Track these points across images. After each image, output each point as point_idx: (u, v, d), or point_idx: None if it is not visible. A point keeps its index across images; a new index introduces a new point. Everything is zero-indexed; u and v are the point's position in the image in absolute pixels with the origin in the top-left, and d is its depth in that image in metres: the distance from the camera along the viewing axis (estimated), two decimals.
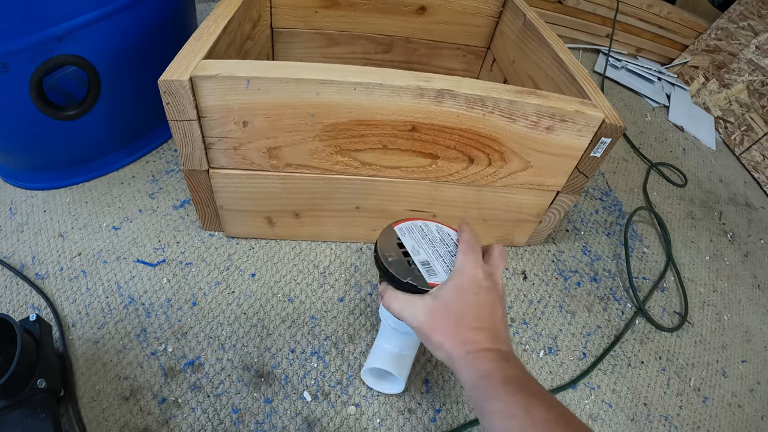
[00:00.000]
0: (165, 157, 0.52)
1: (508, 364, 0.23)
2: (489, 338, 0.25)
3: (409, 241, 0.29)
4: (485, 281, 0.27)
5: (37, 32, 0.35)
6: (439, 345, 0.25)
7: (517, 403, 0.21)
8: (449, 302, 0.26)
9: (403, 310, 0.27)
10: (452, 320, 0.25)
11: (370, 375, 0.35)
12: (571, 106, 0.35)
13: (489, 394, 0.22)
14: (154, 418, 0.32)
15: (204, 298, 0.39)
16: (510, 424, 0.20)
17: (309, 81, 0.31)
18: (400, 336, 0.32)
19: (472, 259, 0.27)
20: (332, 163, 0.37)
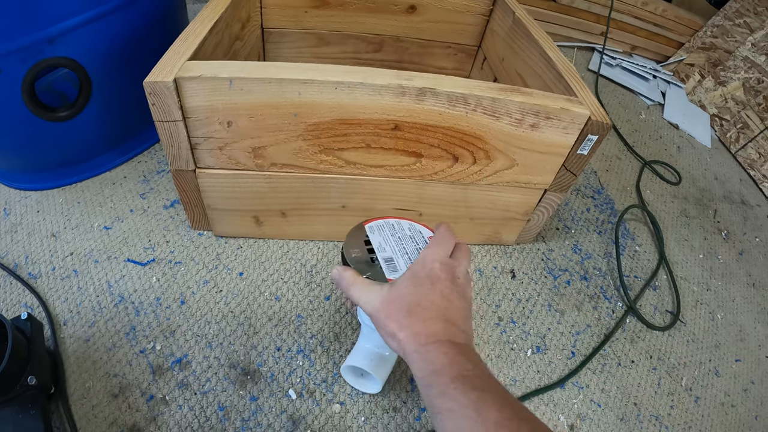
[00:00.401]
0: (156, 157, 0.52)
1: (461, 358, 0.22)
2: (442, 330, 0.24)
3: (376, 238, 0.29)
4: (443, 273, 0.26)
5: (29, 35, 0.36)
6: (392, 334, 0.24)
7: (468, 403, 0.19)
8: (404, 292, 0.25)
9: (360, 295, 0.26)
10: (405, 309, 0.24)
11: (349, 373, 0.35)
12: (556, 103, 0.35)
13: (440, 391, 0.21)
14: (142, 415, 0.32)
15: (192, 297, 0.40)
16: (461, 425, 0.19)
17: (291, 81, 0.31)
18: (378, 336, 0.32)
19: (434, 252, 0.27)
20: (316, 162, 0.37)
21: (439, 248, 0.27)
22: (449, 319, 0.24)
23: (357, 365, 0.32)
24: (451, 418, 0.19)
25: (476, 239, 0.48)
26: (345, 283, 0.27)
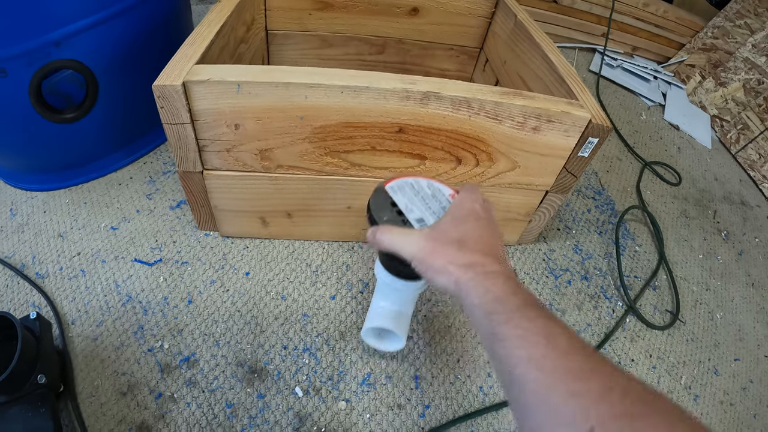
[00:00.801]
0: (162, 158, 0.53)
1: (520, 289, 0.21)
2: (496, 263, 0.23)
3: (401, 199, 0.28)
4: (483, 213, 0.26)
5: (36, 37, 0.36)
6: (441, 269, 0.23)
7: (537, 329, 0.18)
8: (448, 229, 0.25)
9: (396, 241, 0.25)
10: (454, 244, 0.23)
11: (371, 335, 0.34)
12: (558, 106, 0.36)
13: (505, 317, 0.19)
14: (151, 413, 0.33)
15: (199, 296, 0.40)
16: (531, 352, 0.18)
17: (297, 85, 0.32)
18: (396, 292, 0.31)
19: (470, 195, 0.27)
20: (322, 164, 0.38)
21: (473, 193, 0.27)
22: (498, 256, 0.24)
23: (379, 326, 0.31)
24: (519, 344, 0.18)
25: None
26: (380, 234, 0.26)
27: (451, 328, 0.42)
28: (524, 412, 0.17)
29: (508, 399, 0.19)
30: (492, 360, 0.20)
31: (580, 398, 0.16)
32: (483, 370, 0.39)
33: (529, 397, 0.17)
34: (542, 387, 0.17)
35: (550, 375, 0.17)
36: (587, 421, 0.15)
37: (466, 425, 0.36)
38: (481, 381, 0.39)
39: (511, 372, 0.18)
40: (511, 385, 0.18)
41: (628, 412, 0.15)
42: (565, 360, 0.17)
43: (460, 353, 0.40)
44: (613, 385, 0.16)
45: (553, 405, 0.16)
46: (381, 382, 0.37)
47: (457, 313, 0.43)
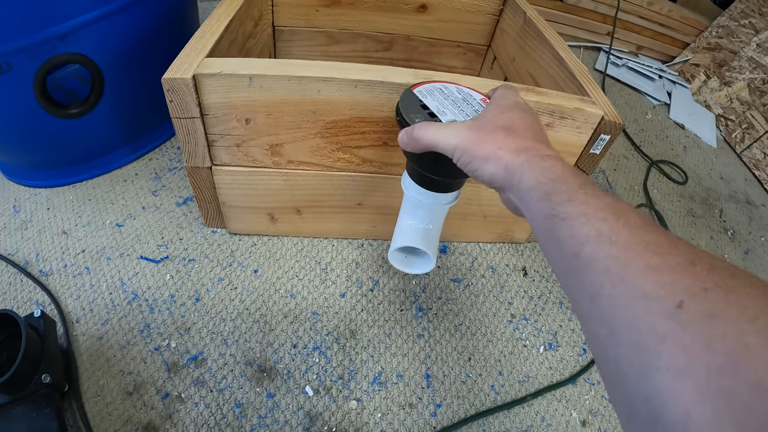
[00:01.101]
0: (168, 154, 0.52)
1: (580, 171, 0.20)
2: (549, 148, 0.21)
3: (432, 102, 0.27)
4: (526, 105, 0.24)
5: (40, 31, 0.35)
6: (489, 155, 0.21)
7: (605, 206, 0.17)
8: (494, 118, 0.23)
9: (438, 134, 0.23)
10: (501, 131, 0.22)
11: (398, 257, 0.32)
12: (570, 103, 0.35)
13: (567, 197, 0.18)
14: (158, 413, 0.32)
15: (207, 294, 0.40)
16: (600, 228, 0.16)
17: (310, 78, 0.31)
18: (424, 209, 0.30)
19: (511, 91, 0.25)
20: (333, 160, 0.37)
21: (513, 89, 0.26)
22: (550, 144, 0.22)
23: (410, 245, 0.30)
24: (585, 222, 0.16)
25: (488, 237, 0.48)
26: (418, 130, 0.24)
27: (462, 326, 0.41)
28: (595, 296, 0.15)
29: (570, 290, 0.17)
30: (549, 248, 0.18)
31: (663, 272, 0.14)
32: (494, 369, 0.39)
33: (600, 277, 0.15)
34: (616, 263, 0.15)
35: (624, 250, 0.15)
36: (674, 294, 0.13)
37: (477, 424, 0.35)
38: (492, 380, 0.38)
39: (576, 254, 0.16)
40: (576, 271, 0.16)
41: (719, 284, 0.13)
42: (640, 234, 0.15)
43: (471, 351, 0.40)
44: (697, 261, 0.14)
45: (632, 281, 0.14)
46: (392, 381, 0.36)
47: (467, 310, 0.43)
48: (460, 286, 0.45)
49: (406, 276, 0.44)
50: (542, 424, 0.36)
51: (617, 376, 0.14)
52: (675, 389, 0.12)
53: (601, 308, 0.15)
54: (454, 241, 0.48)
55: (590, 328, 0.15)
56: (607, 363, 0.14)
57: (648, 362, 0.12)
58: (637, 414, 0.13)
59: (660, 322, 0.13)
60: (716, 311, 0.12)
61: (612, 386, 0.14)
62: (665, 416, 0.12)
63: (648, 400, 0.12)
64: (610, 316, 0.14)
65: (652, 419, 0.12)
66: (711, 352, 0.11)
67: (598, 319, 0.15)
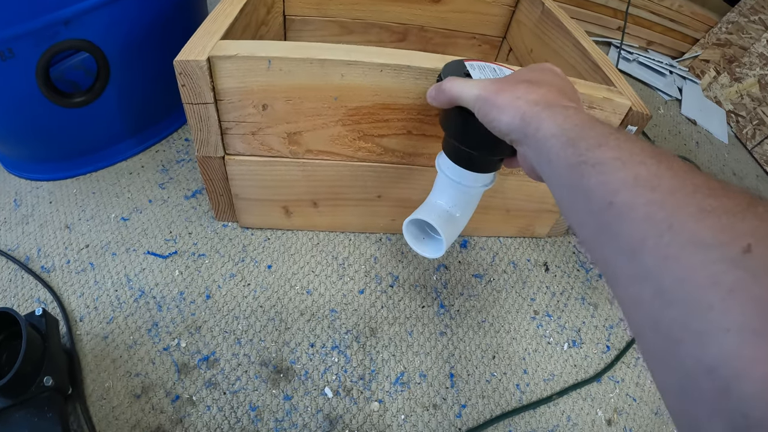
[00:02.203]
0: (175, 146, 0.50)
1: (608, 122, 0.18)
2: (573, 102, 0.20)
3: (478, 74, 0.26)
4: (561, 73, 0.23)
5: (44, 16, 0.34)
6: (507, 104, 0.20)
7: (642, 149, 0.14)
8: (521, 74, 0.22)
9: (463, 86, 0.23)
10: (524, 83, 0.21)
11: (412, 229, 0.31)
12: (599, 92, 0.34)
13: (595, 143, 0.15)
14: (168, 417, 0.30)
15: (218, 291, 0.38)
16: (638, 171, 0.13)
17: (334, 62, 0.30)
18: (455, 190, 0.29)
19: (551, 64, 0.24)
20: (354, 149, 0.35)
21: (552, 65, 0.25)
22: (575, 99, 0.21)
23: (425, 219, 0.28)
24: (620, 166, 0.14)
25: (510, 231, 0.47)
26: (445, 83, 0.24)
27: (485, 323, 0.40)
28: (636, 250, 0.12)
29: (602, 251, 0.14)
30: (575, 203, 0.15)
31: (720, 215, 0.11)
32: (519, 367, 0.37)
33: (641, 226, 0.12)
34: (661, 209, 0.12)
35: (669, 194, 0.12)
36: (738, 238, 0.10)
37: (503, 425, 0.34)
38: (517, 378, 0.37)
39: (610, 203, 0.13)
40: (609, 225, 0.13)
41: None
42: (687, 178, 0.13)
43: (495, 349, 0.38)
44: (757, 202, 0.11)
45: (682, 226, 0.11)
46: (415, 381, 0.35)
47: (490, 307, 0.41)
48: (482, 281, 0.43)
49: (426, 271, 0.43)
50: (568, 423, 0.35)
51: (667, 346, 0.11)
52: (750, 354, 0.09)
53: (644, 264, 0.12)
54: (474, 236, 0.47)
55: (630, 291, 0.13)
56: (655, 331, 0.11)
57: (711, 323, 0.10)
58: (696, 390, 0.10)
59: (724, 271, 0.10)
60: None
61: (658, 361, 0.12)
62: (738, 389, 0.09)
63: (713, 371, 0.10)
64: (657, 272, 0.11)
65: (718, 394, 0.10)
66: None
67: (641, 278, 0.12)
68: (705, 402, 0.10)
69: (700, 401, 0.10)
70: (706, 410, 0.10)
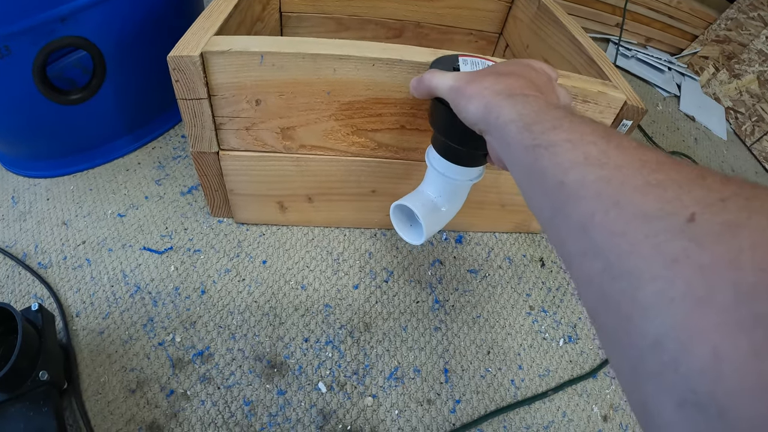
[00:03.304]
0: (172, 143, 0.50)
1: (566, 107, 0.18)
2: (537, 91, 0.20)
3: (468, 68, 0.26)
4: (537, 66, 0.23)
5: (40, 13, 0.34)
6: (474, 94, 0.20)
7: (593, 130, 0.15)
8: (495, 67, 0.23)
9: (441, 77, 0.23)
10: (493, 75, 0.21)
11: (398, 213, 0.32)
12: (594, 86, 0.34)
13: (550, 126, 0.16)
14: (162, 411, 0.31)
15: (213, 286, 0.38)
16: (588, 151, 0.14)
17: (326, 56, 0.30)
18: (442, 181, 0.29)
19: (535, 60, 0.24)
20: (348, 144, 0.36)
21: (541, 62, 0.25)
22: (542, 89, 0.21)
23: (409, 206, 0.29)
24: (571, 147, 0.14)
25: (505, 227, 0.47)
26: (426, 75, 0.24)
27: (480, 318, 0.40)
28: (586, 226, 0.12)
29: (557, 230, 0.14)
30: (531, 185, 0.16)
31: (667, 187, 0.11)
32: (514, 363, 0.37)
33: (590, 203, 0.12)
34: (609, 185, 0.12)
35: (617, 170, 0.12)
36: (684, 207, 0.10)
37: (498, 420, 0.34)
38: (512, 374, 0.37)
39: (561, 182, 0.14)
40: (561, 204, 0.14)
41: (737, 192, 0.10)
42: (635, 154, 0.13)
43: (490, 345, 0.38)
44: (706, 174, 0.11)
45: (629, 201, 0.11)
46: (409, 376, 0.35)
47: (485, 302, 0.41)
48: (477, 277, 0.43)
49: (421, 267, 0.43)
50: (563, 419, 0.35)
51: (617, 323, 0.11)
52: (696, 323, 0.09)
53: (593, 239, 0.12)
54: (470, 231, 0.47)
55: (582, 269, 0.12)
56: (605, 308, 0.11)
57: (656, 294, 0.10)
58: (643, 365, 0.10)
59: (668, 241, 0.10)
60: (739, 221, 0.09)
61: (610, 339, 0.11)
62: (685, 362, 0.09)
63: (659, 344, 0.09)
64: (605, 247, 0.11)
65: (666, 369, 0.09)
66: (738, 269, 0.09)
67: (591, 254, 0.12)
68: (652, 378, 0.10)
69: (647, 377, 0.10)
70: (654, 387, 0.10)
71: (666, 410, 0.09)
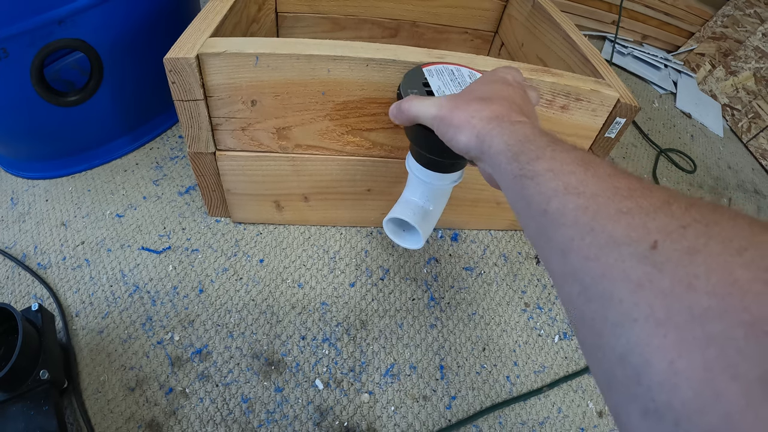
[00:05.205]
0: (169, 143, 0.51)
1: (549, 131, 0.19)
2: (522, 115, 0.21)
3: (436, 81, 0.27)
4: (515, 83, 0.24)
5: (38, 16, 0.34)
6: (462, 123, 0.21)
7: (573, 159, 0.16)
8: (473, 88, 0.23)
9: (421, 105, 0.24)
10: (477, 101, 0.22)
11: (392, 226, 0.32)
12: (587, 84, 0.34)
13: (534, 156, 0.17)
14: (161, 409, 0.31)
15: (211, 285, 0.38)
16: (567, 181, 0.15)
17: (320, 57, 0.30)
18: (426, 187, 0.30)
19: (505, 68, 0.25)
20: (343, 144, 0.36)
21: (509, 68, 0.26)
22: (525, 112, 0.22)
23: (402, 217, 0.29)
24: (552, 177, 0.15)
25: (501, 224, 0.47)
26: (404, 103, 0.24)
27: (475, 315, 0.40)
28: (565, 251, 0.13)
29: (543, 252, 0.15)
30: (520, 210, 0.17)
31: (635, 215, 0.12)
32: (509, 359, 0.38)
33: (568, 230, 0.14)
34: (585, 213, 0.13)
35: (592, 198, 0.14)
36: (648, 235, 0.11)
37: (494, 416, 0.34)
38: (507, 370, 0.37)
39: (544, 211, 0.15)
40: (545, 229, 0.15)
41: (698, 219, 0.11)
42: (610, 182, 0.14)
43: (485, 342, 0.39)
44: (672, 200, 0.12)
45: (601, 228, 0.13)
46: (405, 373, 0.35)
47: (480, 299, 0.42)
48: (473, 274, 0.43)
49: (417, 264, 0.43)
50: (559, 415, 0.35)
51: (592, 340, 0.12)
52: (655, 342, 0.10)
53: (572, 264, 0.13)
54: (465, 229, 0.47)
55: (564, 290, 0.14)
56: (582, 325, 0.13)
57: (622, 314, 0.11)
58: (614, 378, 0.11)
59: (633, 267, 0.11)
60: (697, 247, 0.10)
61: (587, 351, 0.12)
62: (647, 375, 0.10)
63: (624, 359, 0.10)
64: (581, 271, 0.13)
65: (631, 381, 0.10)
66: (693, 292, 0.10)
67: (570, 277, 0.13)
68: (621, 389, 0.11)
69: (617, 389, 0.11)
70: (622, 397, 0.11)
71: (633, 418, 0.10)
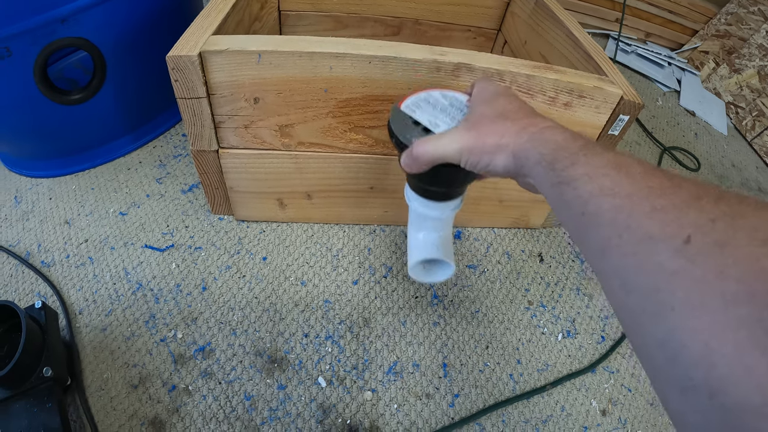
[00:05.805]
0: (172, 141, 0.51)
1: (580, 134, 0.20)
2: (545, 120, 0.22)
3: (422, 116, 0.27)
4: (507, 91, 0.25)
5: (40, 14, 0.34)
6: (495, 147, 0.21)
7: (605, 163, 0.17)
8: (484, 111, 0.23)
9: (438, 145, 0.23)
10: (498, 120, 0.22)
11: (418, 268, 0.31)
12: (590, 81, 0.34)
13: (569, 162, 0.18)
14: (164, 406, 0.31)
15: (214, 283, 0.38)
16: (602, 183, 0.16)
17: (322, 54, 0.30)
18: (431, 219, 0.29)
19: (487, 82, 0.26)
20: (346, 141, 0.36)
21: (489, 80, 0.26)
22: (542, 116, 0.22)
23: (428, 257, 0.29)
24: (588, 181, 0.16)
25: (504, 222, 0.47)
26: (418, 148, 0.24)
27: (479, 313, 0.40)
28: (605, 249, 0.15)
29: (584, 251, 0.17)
30: (561, 214, 0.18)
31: (668, 211, 0.13)
32: (512, 357, 0.38)
33: (606, 230, 0.15)
34: (619, 212, 0.14)
35: (626, 198, 0.15)
36: (681, 230, 0.12)
37: (497, 414, 0.34)
38: (510, 368, 0.37)
39: (582, 213, 0.16)
40: (584, 230, 0.16)
41: (726, 212, 0.12)
42: (642, 182, 0.15)
43: (488, 339, 0.38)
44: (702, 194, 0.13)
45: (637, 225, 0.14)
46: (408, 371, 0.35)
47: (483, 297, 0.41)
48: (476, 272, 0.43)
49: None
50: (562, 413, 0.35)
51: (635, 328, 0.13)
52: (691, 325, 0.11)
53: (611, 260, 0.14)
54: (468, 227, 0.47)
55: (606, 284, 0.15)
56: (625, 316, 0.14)
57: (661, 303, 0.12)
58: (656, 362, 0.12)
59: (668, 260, 0.12)
60: (725, 239, 0.11)
61: (633, 342, 0.14)
62: (684, 357, 0.11)
63: (664, 344, 0.12)
64: (620, 266, 0.14)
65: (671, 363, 0.11)
66: (724, 280, 0.11)
67: (611, 272, 0.14)
68: (662, 371, 0.12)
69: (659, 372, 0.12)
70: (663, 379, 0.12)
71: (673, 397, 0.12)
